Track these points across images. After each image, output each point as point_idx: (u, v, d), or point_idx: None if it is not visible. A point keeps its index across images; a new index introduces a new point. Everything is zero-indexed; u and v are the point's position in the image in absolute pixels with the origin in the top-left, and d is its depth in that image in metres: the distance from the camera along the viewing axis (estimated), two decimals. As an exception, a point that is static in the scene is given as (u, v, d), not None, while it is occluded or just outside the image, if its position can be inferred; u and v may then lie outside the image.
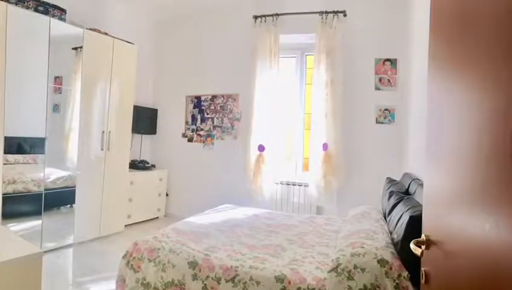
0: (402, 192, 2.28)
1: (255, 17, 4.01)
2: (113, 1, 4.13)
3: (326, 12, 3.69)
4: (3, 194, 2.75)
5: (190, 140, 4.60)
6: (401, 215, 1.72)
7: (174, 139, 4.69)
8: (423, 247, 0.98)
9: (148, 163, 4.50)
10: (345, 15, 3.67)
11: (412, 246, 1.00)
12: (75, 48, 3.30)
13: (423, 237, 1.00)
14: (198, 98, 4.55)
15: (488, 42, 0.72)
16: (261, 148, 3.91)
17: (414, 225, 1.50)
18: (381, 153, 3.62)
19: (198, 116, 4.55)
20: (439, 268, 0.92)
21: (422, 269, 1.02)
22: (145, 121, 4.53)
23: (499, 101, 0.65)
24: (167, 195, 4.67)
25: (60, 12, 3.16)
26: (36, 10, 2.96)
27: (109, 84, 3.58)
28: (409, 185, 2.40)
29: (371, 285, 1.51)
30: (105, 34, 3.56)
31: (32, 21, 2.88)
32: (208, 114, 4.49)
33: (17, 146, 2.89)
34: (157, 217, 4.54)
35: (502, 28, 0.66)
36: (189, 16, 4.59)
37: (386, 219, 2.21)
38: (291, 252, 2.02)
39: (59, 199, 3.26)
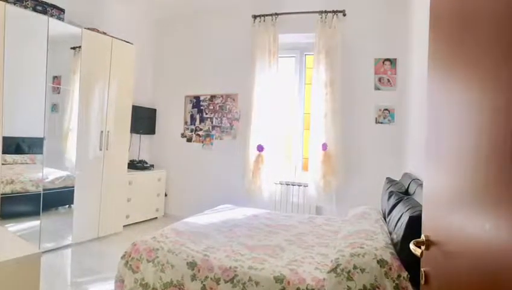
0: (402, 192, 2.28)
1: (254, 17, 4.00)
2: (111, 0, 4.12)
3: (326, 11, 3.69)
4: (1, 195, 2.74)
5: (189, 140, 4.59)
6: (401, 216, 1.72)
7: (173, 139, 4.68)
8: (423, 247, 0.98)
9: (146, 163, 4.49)
10: (344, 15, 3.67)
11: (411, 246, 0.99)
12: (74, 48, 3.30)
13: (423, 237, 1.00)
14: (197, 98, 4.55)
15: (488, 42, 0.72)
16: (260, 148, 3.91)
17: (414, 225, 1.49)
18: (380, 153, 3.62)
19: (197, 116, 4.54)
20: (439, 268, 0.92)
21: (422, 269, 1.02)
22: (143, 121, 4.52)
23: (499, 101, 0.65)
24: (166, 195, 4.66)
25: (58, 12, 3.15)
26: (34, 10, 2.95)
27: (108, 84, 3.58)
28: (409, 185, 2.40)
29: (371, 285, 1.50)
30: (104, 33, 3.55)
31: (30, 20, 2.87)
32: (206, 114, 4.48)
33: (15, 146, 2.88)
34: (156, 218, 4.53)
35: (502, 28, 0.65)
36: (188, 16, 4.59)
37: (385, 219, 2.21)
38: (291, 252, 2.01)
39: (57, 199, 3.25)
